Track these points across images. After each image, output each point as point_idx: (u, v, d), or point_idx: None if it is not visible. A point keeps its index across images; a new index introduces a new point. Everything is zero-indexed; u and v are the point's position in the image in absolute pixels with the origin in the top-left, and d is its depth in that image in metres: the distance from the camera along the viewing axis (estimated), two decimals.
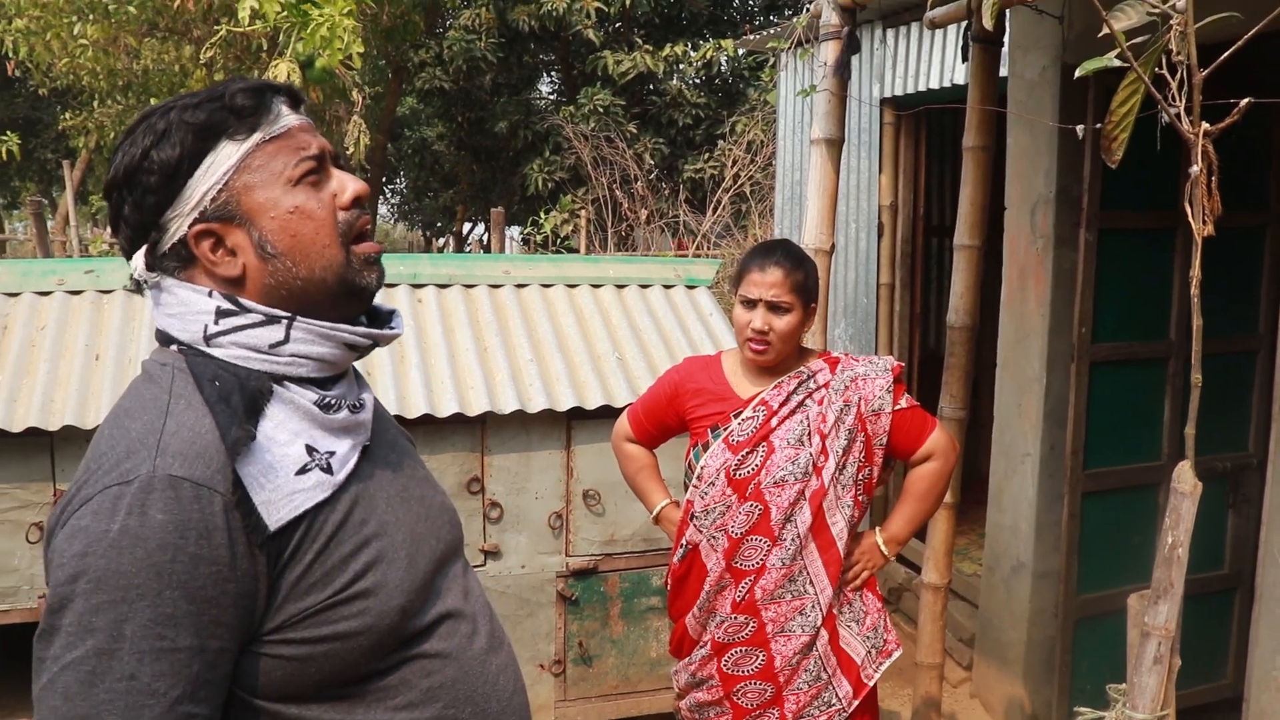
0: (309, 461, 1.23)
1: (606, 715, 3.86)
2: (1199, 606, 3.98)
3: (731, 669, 2.59)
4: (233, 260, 1.26)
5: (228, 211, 1.24)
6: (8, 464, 3.23)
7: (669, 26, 15.86)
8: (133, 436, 1.17)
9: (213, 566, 1.12)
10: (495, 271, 4.09)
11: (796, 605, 2.55)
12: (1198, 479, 1.86)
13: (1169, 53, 1.74)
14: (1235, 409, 4.13)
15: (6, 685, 3.80)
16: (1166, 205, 3.79)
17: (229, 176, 1.24)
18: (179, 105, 1.25)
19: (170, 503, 1.12)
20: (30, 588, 3.28)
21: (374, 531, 1.27)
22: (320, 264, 1.27)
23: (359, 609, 1.22)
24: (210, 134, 1.23)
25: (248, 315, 1.25)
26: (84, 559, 1.10)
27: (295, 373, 1.27)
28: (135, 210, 1.26)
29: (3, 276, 3.64)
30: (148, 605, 1.09)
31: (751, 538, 2.54)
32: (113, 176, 1.27)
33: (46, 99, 18.26)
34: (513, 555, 3.68)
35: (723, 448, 2.57)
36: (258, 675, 1.20)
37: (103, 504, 1.12)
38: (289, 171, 1.26)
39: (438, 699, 1.30)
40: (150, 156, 1.23)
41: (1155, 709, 1.85)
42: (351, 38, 6.28)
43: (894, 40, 5.80)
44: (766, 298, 2.52)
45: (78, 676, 1.08)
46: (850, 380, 2.60)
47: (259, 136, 1.25)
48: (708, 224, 11.34)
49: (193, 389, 1.22)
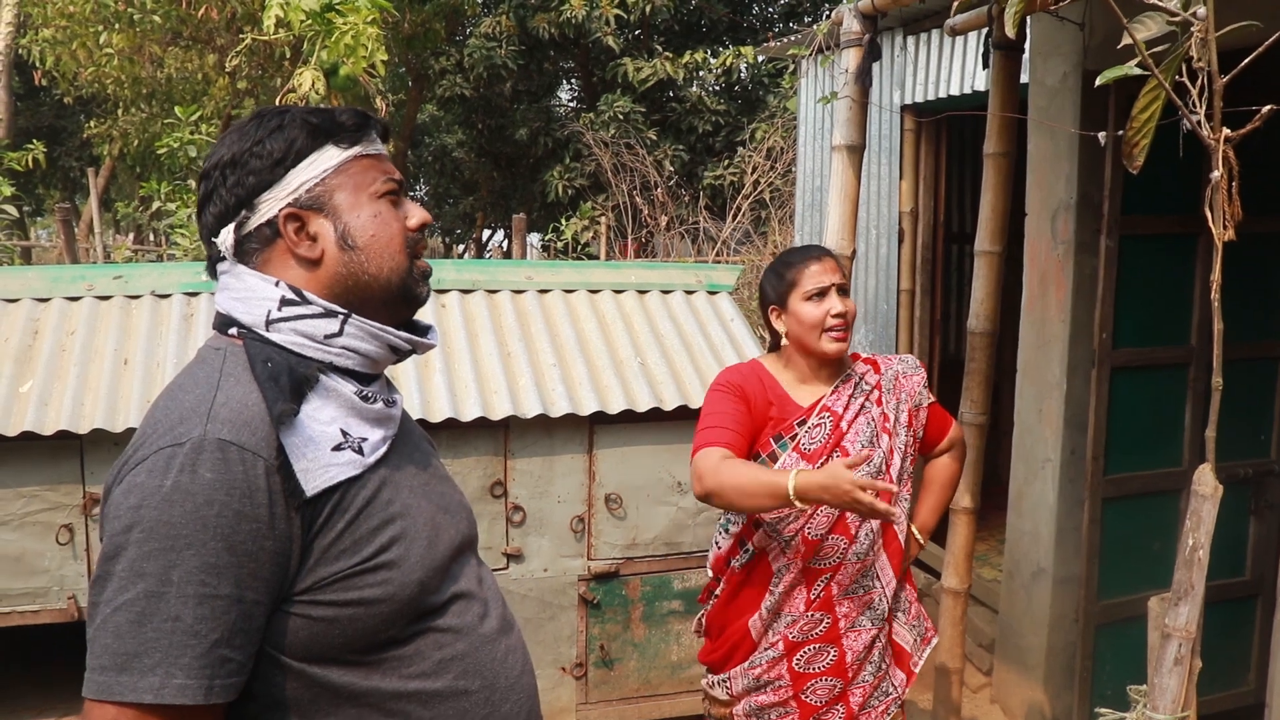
0: (343, 441, 1.35)
1: (627, 718, 3.88)
2: (1221, 613, 3.98)
3: (804, 667, 2.58)
4: (313, 245, 1.40)
5: (319, 203, 1.41)
6: (38, 467, 3.28)
7: (688, 33, 15.90)
8: (186, 406, 1.30)
9: (254, 524, 1.24)
10: (518, 277, 4.12)
11: (866, 600, 2.58)
12: (1219, 483, 1.87)
13: (1189, 60, 1.76)
14: (1258, 415, 4.12)
15: (39, 683, 3.86)
16: (1188, 211, 3.79)
17: (327, 175, 1.41)
18: (295, 109, 1.43)
19: (218, 463, 1.24)
20: (60, 588, 3.33)
21: (399, 511, 1.39)
22: (389, 265, 1.43)
23: (382, 578, 1.34)
24: (321, 136, 1.41)
25: (309, 306, 1.38)
26: (138, 511, 1.22)
27: (342, 364, 1.40)
28: (234, 189, 1.39)
29: (33, 282, 3.69)
30: (194, 554, 1.21)
31: (831, 537, 2.53)
32: (216, 159, 1.41)
33: (71, 107, 18.43)
34: (535, 559, 3.71)
35: (795, 457, 2.52)
36: (286, 634, 1.30)
37: (157, 463, 1.24)
38: (375, 186, 1.44)
39: (449, 670, 1.41)
40: (263, 144, 1.39)
41: (1176, 710, 1.86)
42: (375, 46, 6.35)
43: (915, 47, 5.81)
44: (836, 281, 2.54)
45: (128, 617, 1.20)
46: (894, 378, 2.66)
47: (358, 150, 1.43)
48: (727, 230, 11.36)
49: (243, 369, 1.35)
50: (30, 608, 3.33)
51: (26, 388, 3.33)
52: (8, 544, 3.27)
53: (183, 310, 3.71)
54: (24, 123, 17.85)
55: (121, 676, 1.19)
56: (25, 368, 3.40)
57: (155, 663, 1.19)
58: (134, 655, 1.19)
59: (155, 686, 1.19)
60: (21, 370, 3.38)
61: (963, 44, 5.35)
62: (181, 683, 1.20)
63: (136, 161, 14.59)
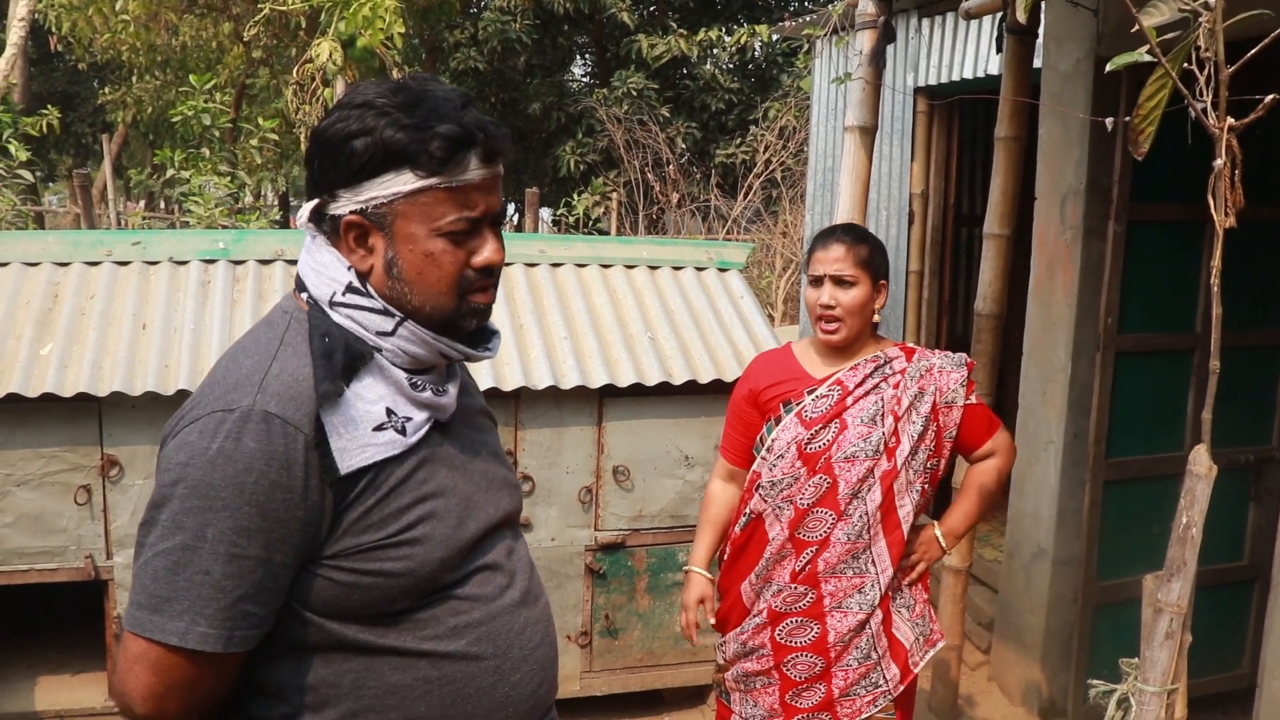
0: (386, 422, 1.40)
1: (630, 686, 3.95)
2: (1218, 597, 4.03)
3: (785, 639, 2.62)
4: (367, 256, 1.41)
5: (382, 221, 1.39)
6: (58, 428, 3.34)
7: (703, 11, 15.87)
8: (242, 372, 1.37)
9: (288, 494, 1.32)
10: (531, 250, 4.17)
11: (857, 582, 2.59)
12: (1214, 464, 1.92)
13: (1198, 49, 1.79)
14: (1260, 402, 4.16)
15: (57, 640, 3.94)
16: (1196, 198, 3.80)
17: (396, 199, 1.37)
18: (392, 115, 1.36)
19: (262, 434, 1.31)
20: (77, 548, 3.39)
21: (432, 491, 1.44)
22: (431, 303, 1.42)
23: (404, 554, 1.39)
24: (400, 159, 1.36)
25: (370, 300, 1.42)
26: (185, 468, 1.31)
27: (391, 360, 1.43)
28: (321, 172, 1.41)
29: (53, 247, 3.74)
30: (229, 515, 1.29)
31: (817, 510, 2.58)
32: (319, 135, 1.41)
33: (85, 74, 18.46)
34: (543, 528, 3.77)
35: (795, 421, 2.61)
36: (310, 591, 1.38)
37: (208, 425, 1.32)
38: (442, 223, 1.39)
39: (463, 636, 1.46)
40: (350, 142, 1.36)
41: (1166, 682, 1.91)
42: (393, 18, 6.37)
43: (929, 29, 5.82)
44: (831, 273, 2.58)
45: (165, 564, 1.30)
46: (925, 370, 2.64)
47: (436, 181, 1.37)
48: (738, 209, 11.38)
49: (303, 339, 1.41)
50: (48, 566, 3.39)
51: (47, 350, 3.39)
52: (27, 503, 3.34)
53: (200, 277, 3.76)
54: (37, 88, 17.88)
55: (154, 616, 1.30)
56: (45, 330, 3.45)
57: (184, 609, 1.29)
58: (166, 599, 1.29)
59: (181, 631, 1.29)
60: (42, 333, 3.44)
61: (977, 28, 5.36)
62: (205, 630, 1.29)
63: (149, 129, 14.63)
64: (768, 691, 2.67)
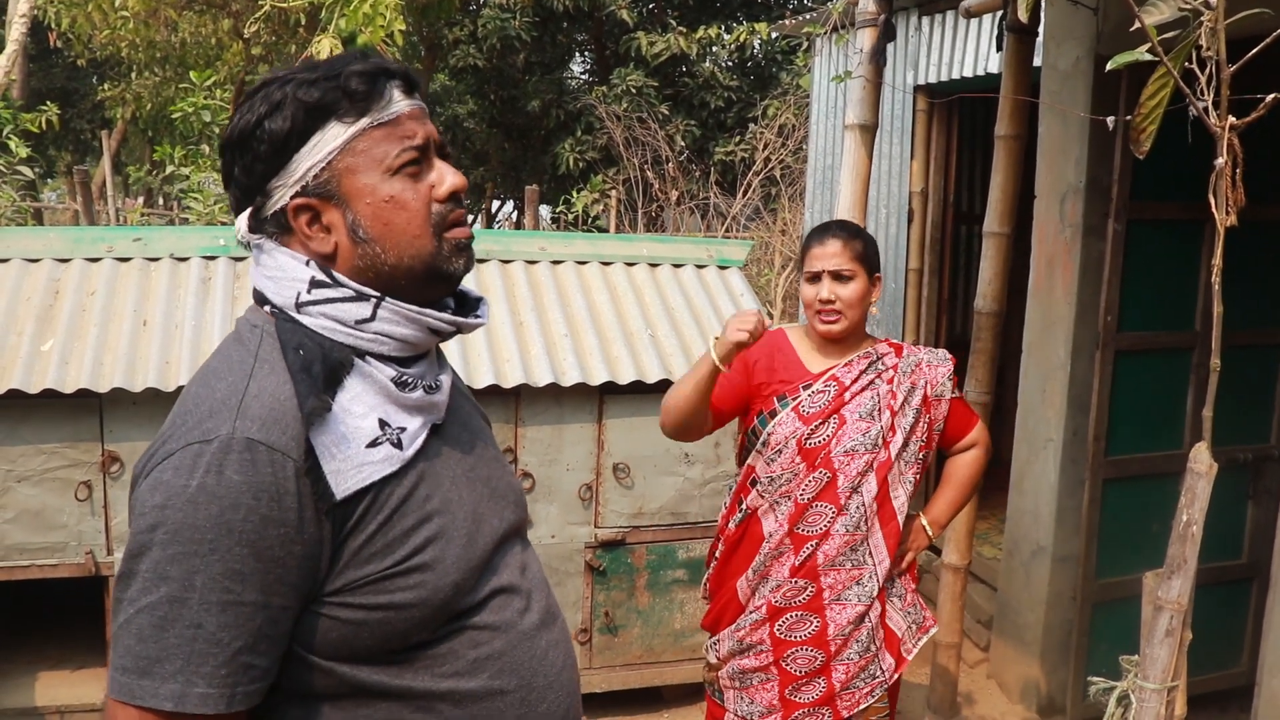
0: (380, 435, 1.27)
1: (630, 683, 3.96)
2: (1217, 595, 4.03)
3: (785, 634, 2.63)
4: (326, 237, 1.30)
5: (327, 190, 1.28)
6: (59, 424, 3.35)
7: (703, 8, 15.84)
8: (217, 397, 1.23)
9: (281, 528, 1.18)
10: (532, 248, 4.17)
11: (855, 574, 2.62)
12: (1214, 462, 1.92)
13: (1199, 48, 1.80)
14: (1259, 401, 4.17)
15: (58, 635, 3.94)
16: (1196, 197, 3.80)
17: (333, 157, 1.27)
18: (296, 79, 1.27)
19: (246, 464, 1.17)
20: (78, 544, 3.40)
21: (436, 508, 1.31)
22: (409, 252, 1.30)
23: (415, 581, 1.27)
24: (321, 113, 1.26)
25: (339, 289, 1.29)
26: (163, 510, 1.16)
27: (377, 349, 1.30)
28: (244, 174, 1.30)
29: (54, 243, 3.74)
30: (218, 559, 1.15)
31: (817, 504, 2.60)
32: (227, 137, 1.31)
33: (84, 70, 18.42)
34: (543, 525, 3.77)
35: (792, 416, 2.63)
36: (315, 634, 1.25)
37: (184, 460, 1.17)
38: (390, 160, 1.28)
39: (484, 669, 1.34)
40: (263, 125, 1.26)
41: (1166, 680, 1.92)
42: (393, 15, 6.37)
43: (929, 28, 5.83)
44: (829, 268, 2.61)
45: (151, 620, 1.15)
46: (915, 365, 2.70)
47: (367, 121, 1.27)
48: (738, 206, 11.37)
49: (278, 354, 1.27)
50: (49, 561, 3.40)
51: (48, 346, 3.39)
52: (28, 499, 3.34)
53: (200, 274, 3.76)
54: (36, 84, 17.87)
55: (143, 680, 1.15)
56: (46, 327, 3.46)
57: (176, 669, 1.15)
58: (155, 660, 1.15)
59: (176, 694, 1.15)
60: (43, 329, 3.44)
61: (977, 26, 5.36)
62: (203, 691, 1.16)
63: (149, 125, 14.61)
64: (765, 688, 2.68)
